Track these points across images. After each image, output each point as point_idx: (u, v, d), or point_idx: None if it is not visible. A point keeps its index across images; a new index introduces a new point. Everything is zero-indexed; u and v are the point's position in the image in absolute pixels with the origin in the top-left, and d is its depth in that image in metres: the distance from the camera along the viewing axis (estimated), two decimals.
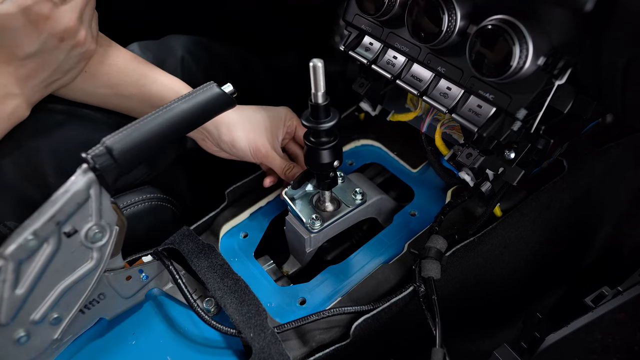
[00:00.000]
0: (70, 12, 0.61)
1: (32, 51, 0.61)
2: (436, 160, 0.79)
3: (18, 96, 0.63)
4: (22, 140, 0.69)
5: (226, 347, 0.64)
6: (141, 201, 0.77)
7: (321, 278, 0.71)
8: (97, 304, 0.60)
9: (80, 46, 0.64)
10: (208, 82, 0.58)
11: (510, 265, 0.75)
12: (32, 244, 0.47)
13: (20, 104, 0.64)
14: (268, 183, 0.81)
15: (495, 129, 0.58)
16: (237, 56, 0.96)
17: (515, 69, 0.51)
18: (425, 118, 0.77)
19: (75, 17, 0.61)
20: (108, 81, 0.71)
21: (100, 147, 0.49)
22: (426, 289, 0.63)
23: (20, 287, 0.49)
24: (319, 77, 0.57)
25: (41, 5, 0.58)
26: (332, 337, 0.64)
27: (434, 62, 0.62)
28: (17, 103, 0.64)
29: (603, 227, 0.85)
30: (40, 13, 0.58)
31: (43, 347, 0.54)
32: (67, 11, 0.61)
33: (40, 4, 0.58)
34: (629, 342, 0.63)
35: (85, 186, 0.49)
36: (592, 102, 0.56)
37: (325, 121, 0.61)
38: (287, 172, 0.76)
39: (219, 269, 0.68)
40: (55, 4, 0.60)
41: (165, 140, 0.54)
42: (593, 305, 0.64)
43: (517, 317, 0.81)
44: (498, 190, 0.71)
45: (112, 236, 0.54)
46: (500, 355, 0.60)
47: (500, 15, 0.51)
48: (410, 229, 0.75)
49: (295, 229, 0.72)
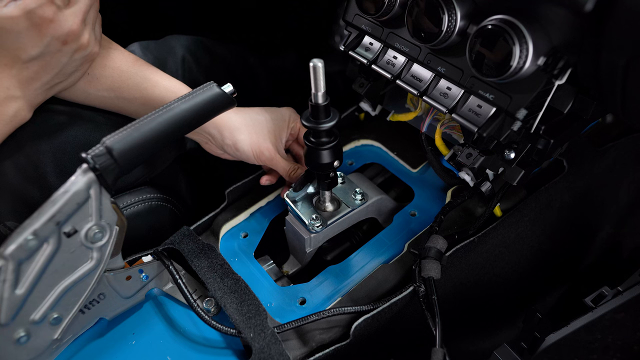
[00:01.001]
0: (74, 16, 0.61)
1: (35, 54, 0.61)
2: (436, 160, 0.79)
3: (20, 99, 0.64)
4: (22, 141, 0.69)
5: (226, 347, 0.64)
6: (141, 201, 0.77)
7: (321, 278, 0.71)
8: (97, 304, 0.60)
9: (83, 49, 0.64)
10: (208, 82, 0.58)
11: (510, 265, 0.75)
12: (32, 244, 0.47)
13: (22, 106, 0.64)
14: (264, 181, 0.81)
15: (495, 129, 0.58)
16: (237, 56, 0.96)
17: (515, 69, 0.51)
18: (425, 118, 0.77)
19: (78, 21, 0.62)
20: (110, 84, 0.71)
21: (100, 147, 0.49)
22: (426, 289, 0.63)
23: (20, 287, 0.49)
24: (319, 77, 0.57)
25: (45, 8, 0.58)
26: (332, 337, 0.64)
27: (434, 62, 0.62)
28: (19, 106, 0.64)
29: (603, 227, 0.85)
30: (43, 16, 0.58)
31: (43, 347, 0.54)
32: (70, 14, 0.61)
33: (44, 7, 0.58)
34: (629, 342, 0.63)
35: (85, 186, 0.49)
36: (592, 102, 0.56)
37: (325, 121, 0.61)
38: (292, 175, 0.76)
39: (219, 269, 0.68)
40: (59, 7, 0.60)
41: (166, 140, 0.54)
42: (593, 305, 0.64)
43: (517, 317, 0.81)
44: (498, 190, 0.71)
45: (112, 236, 0.54)
46: (500, 355, 0.60)
47: (500, 15, 0.51)
48: (410, 229, 0.75)
49: (295, 229, 0.72)
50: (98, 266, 0.54)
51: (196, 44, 0.89)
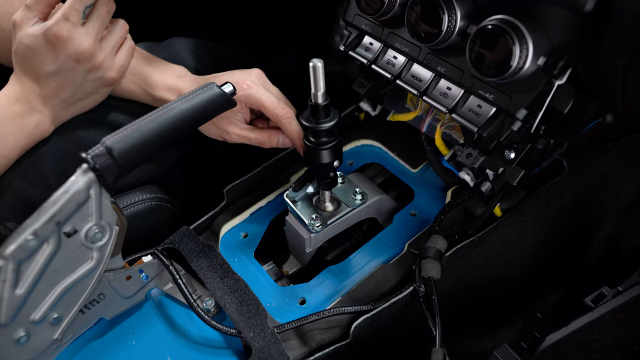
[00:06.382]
0: (86, 35, 0.64)
1: (52, 70, 0.65)
2: (436, 160, 0.79)
3: (41, 112, 0.68)
4: None
5: (226, 347, 0.64)
6: (141, 201, 0.77)
7: (321, 278, 0.71)
8: (97, 304, 0.60)
9: (96, 70, 0.67)
10: (208, 82, 0.58)
11: (510, 265, 0.75)
12: (32, 244, 0.47)
13: (43, 120, 0.68)
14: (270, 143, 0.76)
15: (495, 129, 0.58)
16: (237, 56, 0.96)
17: (515, 69, 0.51)
18: (425, 118, 0.77)
19: (91, 40, 0.65)
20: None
21: (100, 147, 0.49)
22: (426, 289, 0.63)
23: (20, 287, 0.49)
24: (319, 77, 0.57)
25: (60, 26, 0.62)
26: (332, 337, 0.64)
27: (434, 62, 0.62)
28: (40, 119, 0.68)
29: (603, 227, 0.85)
30: (58, 34, 0.62)
31: (43, 347, 0.54)
32: (83, 33, 0.64)
33: (60, 24, 0.62)
34: (629, 342, 0.63)
35: (85, 186, 0.49)
36: (592, 102, 0.56)
37: (325, 121, 0.61)
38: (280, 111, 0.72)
39: (219, 269, 0.68)
40: (74, 24, 0.63)
41: (166, 140, 0.54)
42: (593, 305, 0.64)
43: (517, 317, 0.81)
44: (498, 190, 0.71)
45: (112, 236, 0.54)
46: (500, 355, 0.60)
47: (500, 15, 0.51)
48: (410, 229, 0.75)
49: (295, 229, 0.72)
50: (98, 266, 0.54)
51: (198, 45, 0.89)
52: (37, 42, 0.63)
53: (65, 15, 0.62)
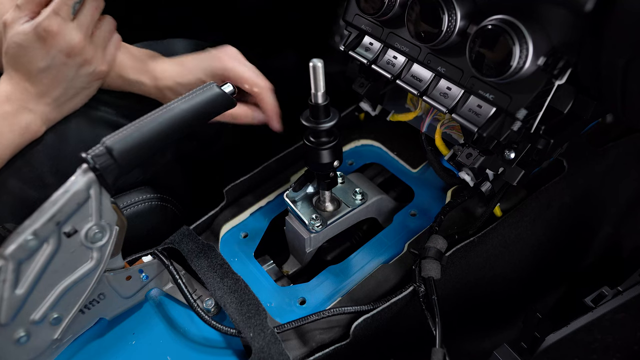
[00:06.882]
0: (77, 30, 0.65)
1: (43, 66, 0.65)
2: (436, 160, 0.79)
3: (33, 112, 0.67)
4: None
5: (226, 347, 0.64)
6: (141, 201, 0.77)
7: (321, 278, 0.71)
8: (97, 304, 0.60)
9: (88, 64, 0.67)
10: (208, 82, 0.58)
11: (510, 265, 0.75)
12: (32, 244, 0.47)
13: (34, 119, 0.68)
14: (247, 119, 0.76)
15: (495, 129, 0.58)
16: None
17: (515, 69, 0.51)
18: (425, 118, 0.77)
19: (81, 35, 0.65)
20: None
21: (100, 147, 0.49)
22: (426, 289, 0.63)
23: (20, 287, 0.49)
24: (319, 77, 0.57)
25: (50, 21, 0.62)
26: (332, 337, 0.64)
27: (434, 62, 0.62)
28: (32, 118, 0.67)
29: (603, 227, 0.85)
30: (48, 29, 0.62)
31: (43, 347, 0.54)
32: (73, 28, 0.64)
33: (50, 19, 0.62)
34: (629, 342, 0.63)
35: (85, 186, 0.49)
36: (592, 102, 0.56)
37: (325, 121, 0.61)
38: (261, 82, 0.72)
39: (219, 269, 0.68)
40: (64, 19, 0.63)
41: (165, 140, 0.54)
42: (593, 305, 0.64)
43: (517, 317, 0.81)
44: (498, 190, 0.71)
45: (112, 236, 0.54)
46: (500, 355, 0.60)
47: (500, 15, 0.51)
48: (410, 229, 0.75)
49: (295, 229, 0.72)
50: (98, 266, 0.54)
51: (198, 45, 0.89)
52: (28, 39, 0.63)
53: (56, 11, 0.62)
